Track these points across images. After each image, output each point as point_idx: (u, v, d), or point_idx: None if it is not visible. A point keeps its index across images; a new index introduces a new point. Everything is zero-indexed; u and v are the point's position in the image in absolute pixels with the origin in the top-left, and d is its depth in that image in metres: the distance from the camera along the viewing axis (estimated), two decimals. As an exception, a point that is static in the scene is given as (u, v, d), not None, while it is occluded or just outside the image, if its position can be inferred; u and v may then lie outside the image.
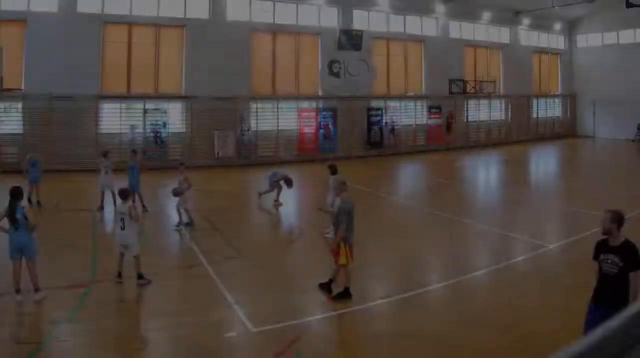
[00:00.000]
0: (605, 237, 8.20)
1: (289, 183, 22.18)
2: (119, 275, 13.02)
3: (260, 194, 22.74)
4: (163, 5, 34.06)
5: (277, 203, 22.25)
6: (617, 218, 8.06)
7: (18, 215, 11.70)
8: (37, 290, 11.70)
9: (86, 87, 31.35)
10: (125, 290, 12.76)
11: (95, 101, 31.95)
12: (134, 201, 18.32)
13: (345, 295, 11.87)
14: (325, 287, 12.30)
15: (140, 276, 12.98)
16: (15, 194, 11.95)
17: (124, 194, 13.67)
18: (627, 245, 8.01)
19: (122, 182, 18.70)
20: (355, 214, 12.25)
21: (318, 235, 17.62)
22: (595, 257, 8.33)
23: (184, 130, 34.47)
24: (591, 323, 8.00)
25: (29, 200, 20.44)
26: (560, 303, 11.52)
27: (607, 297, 7.97)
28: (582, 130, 53.75)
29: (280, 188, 22.28)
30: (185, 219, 18.54)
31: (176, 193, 18.59)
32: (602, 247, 8.27)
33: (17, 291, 11.52)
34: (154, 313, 11.49)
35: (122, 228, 13.20)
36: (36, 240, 12.01)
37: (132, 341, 10.18)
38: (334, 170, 17.86)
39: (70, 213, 20.93)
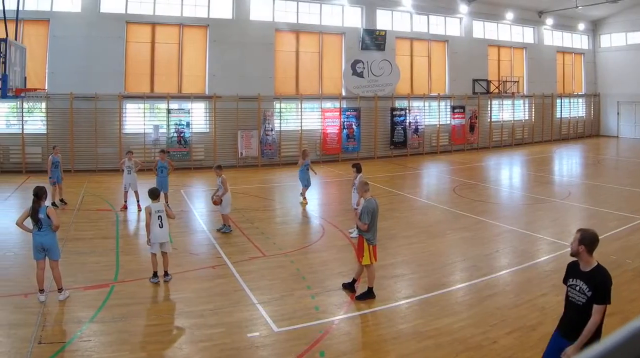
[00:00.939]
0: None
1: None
2: (155, 275, 12.89)
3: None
4: (186, 5, 33.12)
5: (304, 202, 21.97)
6: (587, 240, 6.88)
7: (41, 215, 11.54)
8: (60, 290, 11.63)
9: (109, 87, 30.57)
10: (149, 290, 12.41)
11: (118, 101, 30.96)
12: (167, 201, 18.70)
13: (368, 295, 11.67)
14: (349, 287, 12.14)
15: (166, 273, 12.95)
16: (39, 194, 11.75)
17: (155, 194, 13.50)
18: (599, 272, 6.89)
19: (147, 182, 18.75)
20: (379, 214, 11.96)
21: (342, 235, 17.30)
22: (565, 280, 7.37)
23: (207, 130, 33.48)
24: (549, 355, 7.40)
25: (53, 202, 19.68)
26: (582, 303, 11.42)
27: (570, 331, 7.01)
28: (605, 130, 52.18)
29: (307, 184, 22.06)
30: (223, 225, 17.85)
31: (214, 202, 17.87)
32: (572, 270, 7.22)
33: (41, 291, 11.43)
34: (178, 313, 11.20)
35: (161, 227, 13.00)
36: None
37: (156, 341, 9.86)
38: (358, 169, 17.36)
39: (93, 213, 20.28)
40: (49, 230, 11.57)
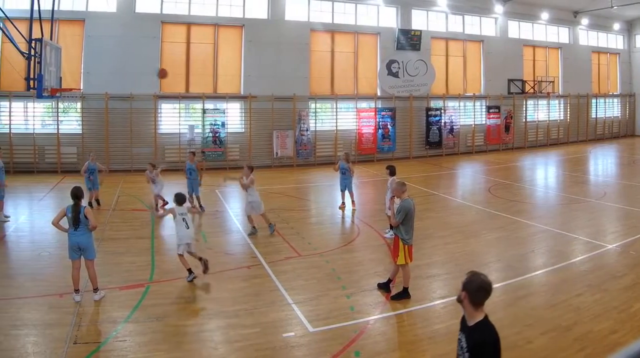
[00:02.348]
0: None
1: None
2: (190, 271, 12.39)
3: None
4: (222, 5, 31.48)
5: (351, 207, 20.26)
6: (471, 286, 5.27)
7: (79, 215, 11.18)
8: (96, 290, 11.33)
9: (145, 87, 29.15)
10: (184, 290, 11.94)
11: (153, 101, 29.44)
12: (192, 203, 17.97)
13: (403, 295, 11.19)
14: (384, 287, 11.66)
15: (190, 271, 12.44)
16: (78, 195, 11.41)
17: (180, 200, 13.06)
18: (480, 330, 5.30)
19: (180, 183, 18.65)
20: (415, 214, 11.39)
21: (377, 235, 16.60)
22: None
23: (242, 130, 31.85)
24: None
25: (89, 203, 18.82)
26: (618, 303, 10.90)
27: None
28: (641, 130, 50.00)
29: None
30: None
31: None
32: (462, 320, 5.62)
33: (76, 291, 11.11)
34: (213, 314, 10.69)
35: (187, 228, 12.61)
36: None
37: (192, 341, 9.49)
38: (392, 171, 16.66)
39: (128, 213, 19.53)
40: (85, 230, 11.19)
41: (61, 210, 11.26)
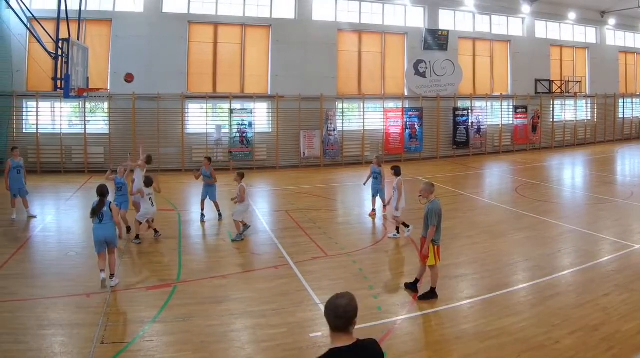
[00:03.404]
0: None
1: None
2: (138, 236, 14.37)
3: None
4: (249, 5, 29.88)
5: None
6: (326, 310, 4.29)
7: (104, 208, 11.45)
8: (112, 275, 11.47)
9: (172, 87, 27.73)
10: (211, 290, 11.42)
11: (180, 101, 28.01)
12: (202, 208, 17.37)
13: (431, 295, 10.74)
14: (411, 287, 11.23)
15: (138, 236, 14.30)
16: (104, 193, 11.66)
17: (148, 182, 14.71)
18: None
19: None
20: (441, 216, 10.89)
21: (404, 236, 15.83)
22: None
23: (269, 130, 30.22)
24: None
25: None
26: (646, 303, 10.50)
27: None
28: (668, 130, 47.05)
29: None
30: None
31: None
32: None
33: (102, 270, 11.23)
34: (241, 313, 10.26)
35: (152, 205, 14.66)
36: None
37: (219, 341, 9.10)
38: (397, 172, 15.83)
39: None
40: (110, 222, 11.50)
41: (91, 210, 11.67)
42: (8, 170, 17.11)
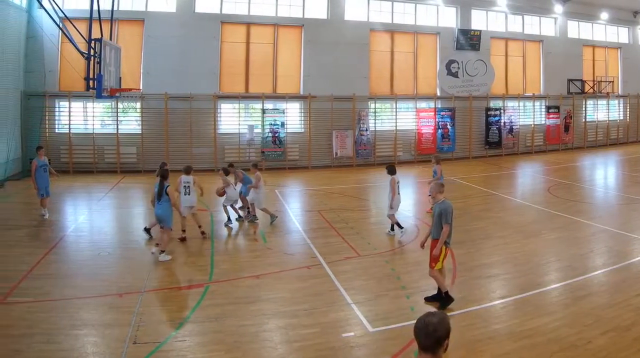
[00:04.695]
0: None
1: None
2: (184, 231, 13.99)
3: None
4: (281, 5, 27.91)
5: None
6: (418, 328, 3.85)
7: (163, 191, 12.35)
8: (162, 251, 12.27)
9: (204, 87, 25.94)
10: (244, 290, 10.83)
11: (213, 101, 26.17)
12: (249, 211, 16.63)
13: (448, 299, 9.78)
14: (436, 298, 10.05)
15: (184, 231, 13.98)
16: (165, 175, 12.52)
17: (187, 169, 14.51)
18: None
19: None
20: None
21: None
22: None
23: (302, 130, 28.23)
24: None
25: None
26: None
27: None
28: (701, 130, 43.64)
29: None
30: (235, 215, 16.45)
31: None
32: None
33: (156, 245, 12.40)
34: (273, 313, 9.69)
35: (187, 194, 14.16)
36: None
37: (251, 341, 8.55)
38: (391, 171, 15.08)
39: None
40: (166, 202, 12.34)
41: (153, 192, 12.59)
42: (35, 170, 16.22)
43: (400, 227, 14.72)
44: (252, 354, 8.20)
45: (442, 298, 9.83)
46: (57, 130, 25.08)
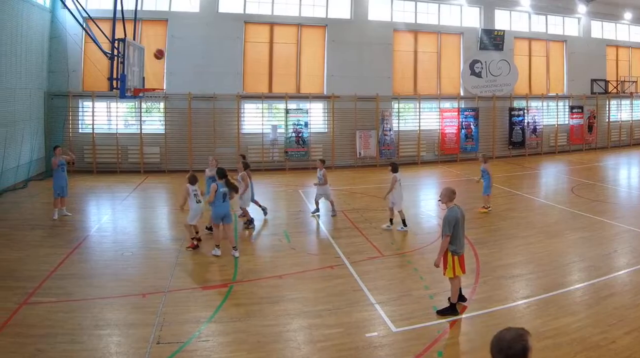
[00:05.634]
0: None
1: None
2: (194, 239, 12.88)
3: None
4: (305, 5, 26.41)
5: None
6: (493, 342, 3.57)
7: (226, 189, 12.03)
8: (235, 248, 12.13)
9: (227, 87, 24.56)
10: (267, 290, 10.28)
11: (236, 101, 24.77)
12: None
13: (450, 311, 9.01)
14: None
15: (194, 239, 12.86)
16: (224, 173, 12.15)
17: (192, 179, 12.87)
18: None
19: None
20: (464, 222, 9.22)
21: None
22: None
23: (325, 130, 26.69)
24: None
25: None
26: None
27: None
28: None
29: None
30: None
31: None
32: None
33: (217, 246, 12.15)
34: (296, 314, 9.16)
35: (198, 202, 12.88)
36: None
37: (274, 341, 8.05)
38: (394, 169, 14.81)
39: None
40: (228, 201, 12.11)
41: (213, 187, 11.89)
42: (55, 169, 15.56)
43: (391, 223, 14.53)
44: (276, 354, 7.85)
45: (449, 308, 9.14)
46: (80, 130, 23.88)
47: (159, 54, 14.25)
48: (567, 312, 9.21)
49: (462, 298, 9.44)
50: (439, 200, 9.52)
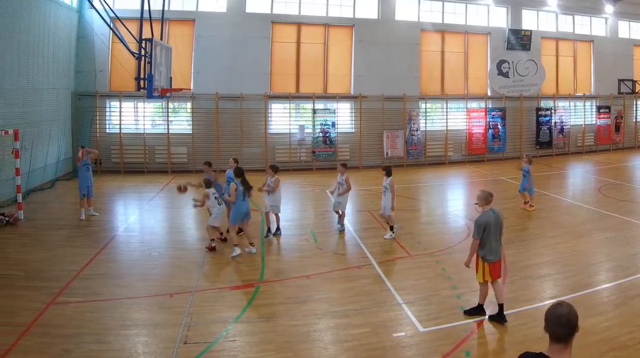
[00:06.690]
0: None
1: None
2: (213, 240, 12.06)
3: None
4: (332, 5, 24.86)
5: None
6: (551, 321, 3.55)
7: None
8: (252, 244, 11.66)
9: (255, 87, 23.15)
10: (294, 290, 9.69)
11: (264, 101, 23.37)
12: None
13: (477, 311, 8.35)
14: (474, 312, 8.47)
15: (213, 240, 12.14)
16: (243, 172, 11.69)
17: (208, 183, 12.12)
18: None
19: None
20: (501, 227, 8.31)
21: None
22: None
23: (352, 130, 25.10)
24: None
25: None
26: None
27: None
28: None
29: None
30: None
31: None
32: None
33: (251, 244, 11.60)
34: (323, 313, 8.61)
35: (219, 204, 12.06)
36: None
37: (302, 341, 7.69)
38: (388, 172, 13.28)
39: None
40: (247, 199, 11.56)
41: (232, 187, 11.35)
42: (79, 168, 14.98)
43: (392, 230, 13.34)
44: (303, 354, 7.49)
45: (477, 308, 8.51)
46: (107, 130, 22.62)
47: (183, 189, 13.16)
48: (594, 312, 8.71)
49: (481, 310, 8.59)
50: (476, 203, 8.66)
